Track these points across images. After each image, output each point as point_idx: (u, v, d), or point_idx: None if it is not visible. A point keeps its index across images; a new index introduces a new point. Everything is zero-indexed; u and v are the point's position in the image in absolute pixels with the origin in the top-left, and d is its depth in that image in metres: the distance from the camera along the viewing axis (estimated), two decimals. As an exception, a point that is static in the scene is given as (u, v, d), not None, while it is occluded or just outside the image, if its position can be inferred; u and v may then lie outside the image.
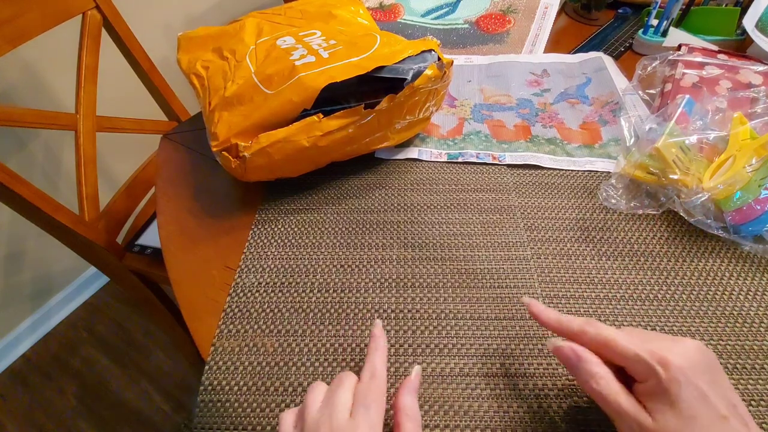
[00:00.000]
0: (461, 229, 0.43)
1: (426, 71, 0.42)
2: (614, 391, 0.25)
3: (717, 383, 0.24)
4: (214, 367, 0.34)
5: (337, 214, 0.45)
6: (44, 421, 1.04)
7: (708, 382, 0.23)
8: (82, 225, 0.67)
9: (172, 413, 1.05)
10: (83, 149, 0.68)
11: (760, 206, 0.37)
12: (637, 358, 0.24)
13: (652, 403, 0.24)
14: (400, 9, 0.76)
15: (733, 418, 0.23)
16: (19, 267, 1.10)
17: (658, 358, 0.24)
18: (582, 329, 0.27)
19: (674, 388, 0.23)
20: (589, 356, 0.26)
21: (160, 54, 0.97)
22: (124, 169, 0.94)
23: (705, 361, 0.24)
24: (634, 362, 0.25)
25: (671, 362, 0.23)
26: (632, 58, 0.65)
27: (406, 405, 0.28)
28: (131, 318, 1.24)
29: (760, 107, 0.43)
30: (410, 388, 0.29)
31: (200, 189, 0.49)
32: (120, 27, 0.72)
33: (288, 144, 0.40)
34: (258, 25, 0.51)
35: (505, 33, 0.70)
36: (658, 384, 0.23)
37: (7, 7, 0.58)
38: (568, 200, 0.45)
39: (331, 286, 0.39)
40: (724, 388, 0.24)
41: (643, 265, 0.39)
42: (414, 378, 0.30)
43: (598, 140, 0.51)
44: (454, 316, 0.37)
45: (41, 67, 0.97)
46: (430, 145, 0.52)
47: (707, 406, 0.23)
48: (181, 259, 0.42)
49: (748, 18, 0.59)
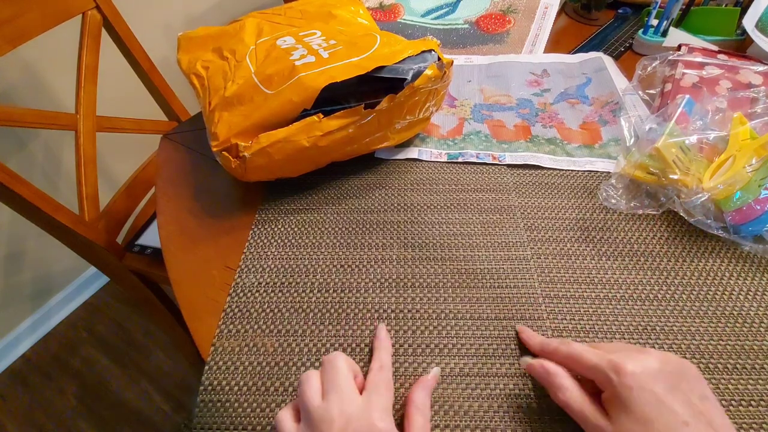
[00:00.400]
0: (461, 229, 0.43)
1: (426, 71, 0.42)
2: (578, 401, 0.27)
3: (680, 390, 0.24)
4: (214, 367, 0.34)
5: (337, 214, 0.45)
6: (44, 421, 1.04)
7: (667, 389, 0.24)
8: (82, 225, 0.67)
9: (172, 413, 1.05)
10: (83, 149, 0.68)
11: (760, 206, 0.37)
12: (597, 367, 0.26)
13: (611, 409, 0.25)
14: (400, 9, 0.76)
15: (697, 425, 0.23)
16: (19, 267, 1.10)
17: (613, 365, 0.25)
18: (556, 348, 0.30)
19: (625, 392, 0.24)
20: (557, 370, 0.29)
21: (160, 54, 0.97)
22: (124, 169, 0.94)
23: (667, 370, 0.25)
24: (595, 372, 0.26)
25: (624, 369, 0.25)
26: (632, 58, 0.65)
27: (419, 400, 0.29)
28: (131, 318, 1.24)
29: (760, 107, 0.43)
30: (425, 386, 0.30)
31: (200, 189, 0.49)
32: (120, 27, 0.72)
33: (288, 144, 0.40)
34: (258, 25, 0.51)
35: (505, 33, 0.70)
36: (613, 390, 0.25)
37: (7, 7, 0.58)
38: (568, 200, 0.45)
39: (331, 286, 0.39)
40: (690, 396, 0.24)
41: (643, 265, 0.39)
42: (431, 378, 0.31)
43: (598, 140, 0.51)
44: (454, 316, 0.37)
45: (41, 67, 0.97)
46: (430, 145, 0.52)
47: (665, 412, 0.23)
48: (181, 259, 0.42)
49: (748, 18, 0.59)
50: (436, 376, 0.32)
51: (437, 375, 0.32)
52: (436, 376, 0.32)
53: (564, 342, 0.30)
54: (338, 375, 0.28)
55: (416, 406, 0.29)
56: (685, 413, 0.23)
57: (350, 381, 0.28)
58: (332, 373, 0.28)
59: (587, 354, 0.27)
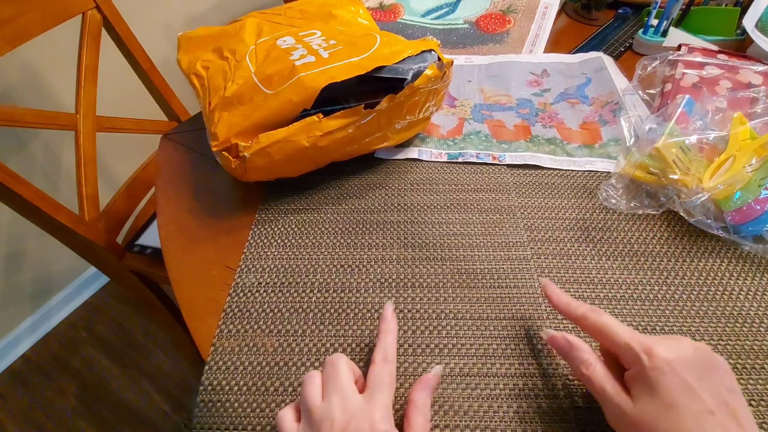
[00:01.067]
0: (461, 229, 0.43)
1: (426, 71, 0.42)
2: (600, 377, 0.26)
3: (710, 380, 0.24)
4: (214, 367, 0.34)
5: (337, 214, 0.45)
6: (44, 421, 1.04)
7: (697, 377, 0.24)
8: (82, 225, 0.67)
9: (172, 413, 1.05)
10: (83, 149, 0.68)
11: (760, 206, 0.37)
12: (627, 346, 0.26)
13: (636, 389, 0.25)
14: (400, 9, 0.76)
15: (722, 416, 0.23)
16: (19, 267, 1.10)
17: (645, 347, 0.25)
18: (585, 314, 0.29)
19: (655, 375, 0.24)
20: (581, 344, 0.28)
21: (160, 54, 0.97)
22: (124, 169, 0.94)
23: (698, 358, 0.25)
24: (625, 350, 0.26)
25: (657, 352, 0.25)
26: (632, 58, 0.65)
27: (419, 401, 0.28)
28: (131, 318, 1.24)
29: (760, 107, 0.43)
30: (426, 385, 0.30)
31: (200, 189, 0.49)
32: (120, 27, 0.72)
33: (288, 144, 0.40)
34: (258, 25, 0.51)
35: (505, 33, 0.70)
36: (642, 370, 0.25)
37: (7, 7, 0.58)
38: (568, 200, 0.45)
39: (331, 286, 0.39)
40: (719, 386, 0.24)
41: (643, 265, 0.39)
42: (432, 377, 0.30)
43: (598, 140, 0.51)
44: (454, 316, 0.37)
45: (41, 67, 0.97)
46: (430, 145, 0.52)
47: (692, 399, 0.23)
48: (181, 259, 0.42)
49: (748, 18, 0.59)
50: (438, 375, 0.31)
51: (439, 374, 0.31)
52: (437, 375, 0.31)
53: (594, 310, 0.29)
54: (339, 375, 0.27)
55: (417, 406, 0.28)
56: (712, 403, 0.23)
57: (351, 381, 0.28)
58: (333, 373, 0.28)
59: (619, 329, 0.27)
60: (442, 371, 0.32)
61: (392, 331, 0.32)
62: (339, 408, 0.26)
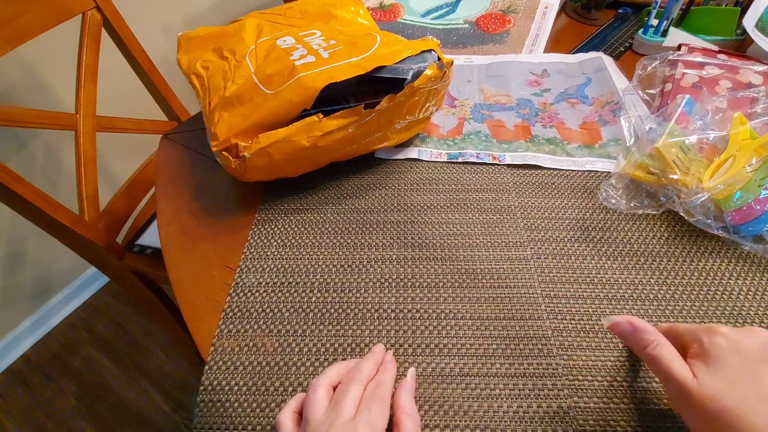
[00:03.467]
0: (461, 229, 0.43)
1: (426, 71, 0.42)
2: (668, 355, 0.26)
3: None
4: (214, 367, 0.34)
5: (337, 214, 0.45)
6: (44, 421, 1.04)
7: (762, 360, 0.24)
8: (82, 225, 0.67)
9: (172, 413, 1.05)
10: (83, 149, 0.68)
11: (760, 206, 0.37)
12: (691, 330, 0.27)
13: (698, 367, 0.25)
14: (400, 9, 0.76)
15: None
16: (19, 267, 1.10)
17: (707, 328, 0.26)
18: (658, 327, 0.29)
19: (715, 350, 0.25)
20: (646, 326, 0.28)
21: (160, 54, 0.98)
22: (124, 169, 0.94)
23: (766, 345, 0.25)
24: (688, 334, 0.27)
25: (717, 330, 0.25)
26: (632, 58, 0.65)
27: (405, 404, 0.29)
28: (131, 318, 1.24)
29: (760, 107, 0.43)
30: (407, 389, 0.31)
31: (200, 189, 0.49)
32: (120, 27, 0.72)
33: (288, 144, 0.40)
34: (258, 25, 0.51)
35: (505, 33, 0.70)
36: (702, 348, 0.25)
37: (7, 7, 0.58)
38: (568, 200, 0.45)
39: (331, 286, 0.39)
40: None
41: (643, 265, 0.39)
42: (410, 380, 0.32)
43: (598, 140, 0.51)
44: (454, 316, 0.37)
45: (41, 67, 0.97)
46: (430, 145, 0.52)
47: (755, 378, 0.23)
48: (181, 259, 0.42)
49: (748, 18, 0.59)
50: (414, 376, 0.32)
51: (414, 375, 0.33)
52: (413, 376, 0.32)
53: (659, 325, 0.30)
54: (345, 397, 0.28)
55: (404, 411, 0.29)
56: None
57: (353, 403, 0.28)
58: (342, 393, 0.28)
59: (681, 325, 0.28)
60: (415, 373, 0.33)
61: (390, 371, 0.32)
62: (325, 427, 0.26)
